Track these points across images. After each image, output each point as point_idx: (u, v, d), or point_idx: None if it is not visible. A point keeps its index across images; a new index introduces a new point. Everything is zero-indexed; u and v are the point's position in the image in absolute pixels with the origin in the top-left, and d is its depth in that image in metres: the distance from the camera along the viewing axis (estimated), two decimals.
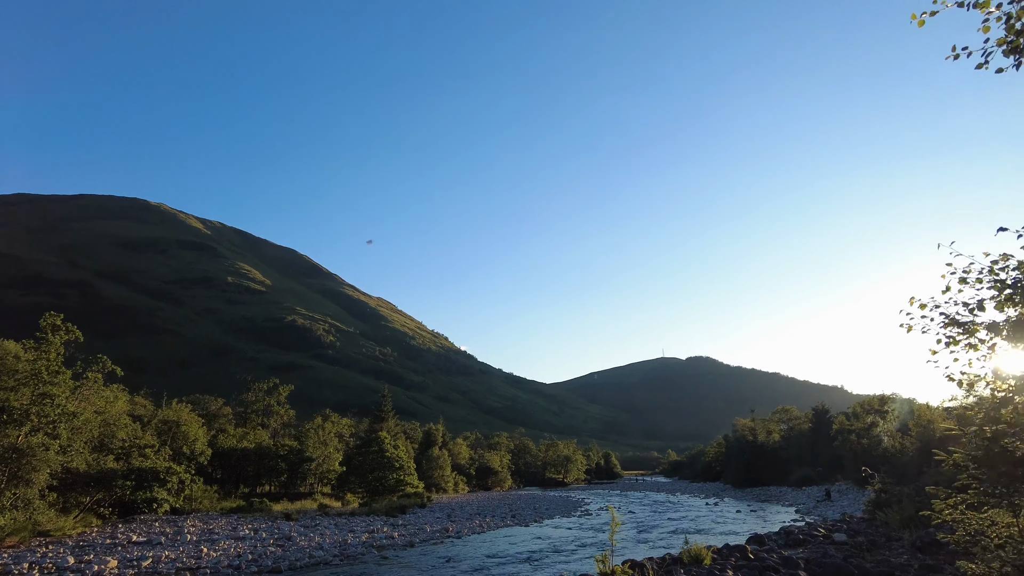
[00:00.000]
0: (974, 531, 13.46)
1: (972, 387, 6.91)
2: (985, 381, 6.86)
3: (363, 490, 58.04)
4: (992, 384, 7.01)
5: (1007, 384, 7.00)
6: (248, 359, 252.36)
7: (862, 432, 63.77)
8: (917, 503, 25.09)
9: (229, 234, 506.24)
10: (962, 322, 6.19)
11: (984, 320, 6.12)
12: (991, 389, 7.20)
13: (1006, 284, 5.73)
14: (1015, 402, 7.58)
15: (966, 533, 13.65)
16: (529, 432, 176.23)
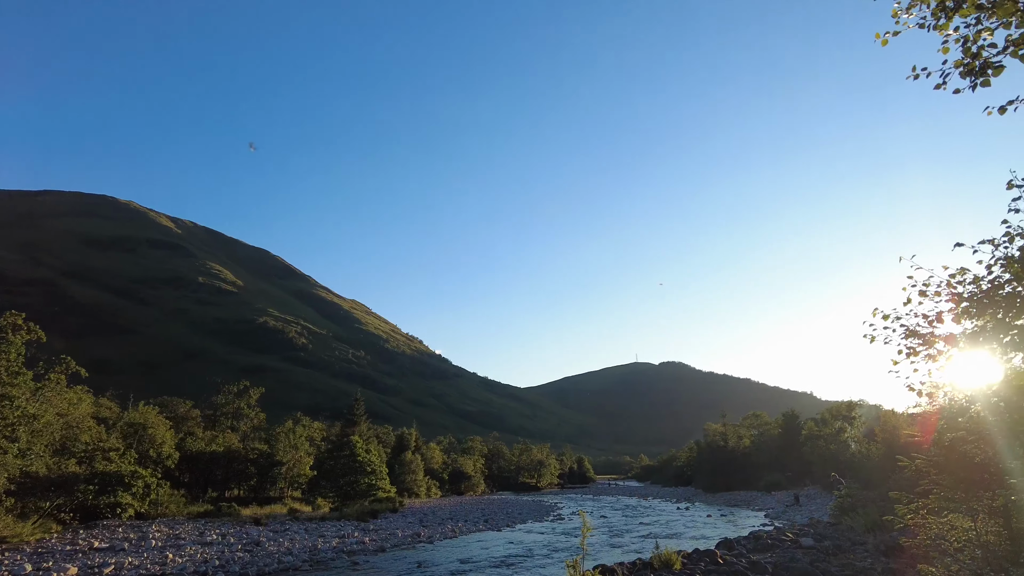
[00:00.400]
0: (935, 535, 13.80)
1: (932, 397, 7.10)
2: (943, 391, 7.05)
3: (334, 495, 57.41)
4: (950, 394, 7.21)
5: (964, 394, 7.20)
6: (219, 361, 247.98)
7: (830, 438, 64.97)
8: (881, 508, 25.59)
9: (200, 233, 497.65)
10: (922, 333, 6.36)
11: (943, 332, 6.29)
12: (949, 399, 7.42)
13: (963, 297, 5.90)
14: (971, 411, 7.82)
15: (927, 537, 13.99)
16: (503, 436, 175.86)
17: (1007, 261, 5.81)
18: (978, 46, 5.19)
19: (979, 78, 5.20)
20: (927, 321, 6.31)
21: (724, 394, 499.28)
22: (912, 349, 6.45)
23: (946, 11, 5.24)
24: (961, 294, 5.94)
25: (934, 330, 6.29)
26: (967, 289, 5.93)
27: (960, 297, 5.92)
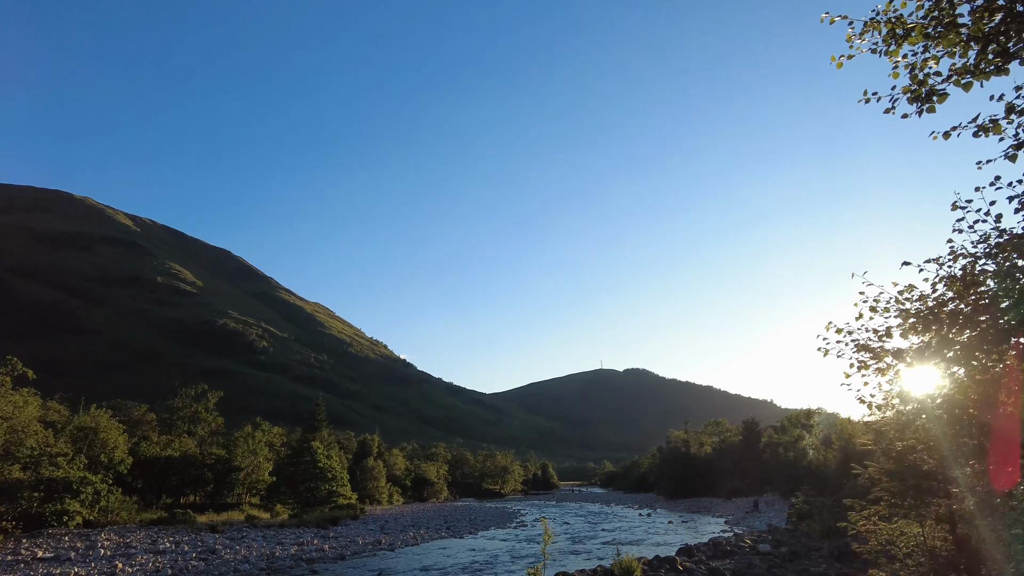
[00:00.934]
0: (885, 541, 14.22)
1: (881, 409, 7.34)
2: (892, 403, 7.30)
3: (294, 501, 56.43)
4: (898, 407, 7.47)
5: (910, 406, 7.47)
6: (176, 363, 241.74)
7: (789, 445, 66.40)
8: (837, 514, 26.22)
9: (160, 232, 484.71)
10: (872, 348, 6.58)
11: (892, 346, 6.52)
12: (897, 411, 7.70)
13: (910, 313, 6.13)
14: (917, 424, 8.11)
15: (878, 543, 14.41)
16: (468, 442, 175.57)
17: (950, 280, 6.06)
18: (924, 73, 5.42)
19: (925, 104, 5.43)
20: (877, 336, 6.53)
21: (687, 401, 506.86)
22: (863, 363, 6.67)
23: (896, 38, 5.46)
24: (909, 310, 6.17)
25: (884, 344, 6.51)
26: (914, 306, 6.17)
27: (908, 313, 6.15)
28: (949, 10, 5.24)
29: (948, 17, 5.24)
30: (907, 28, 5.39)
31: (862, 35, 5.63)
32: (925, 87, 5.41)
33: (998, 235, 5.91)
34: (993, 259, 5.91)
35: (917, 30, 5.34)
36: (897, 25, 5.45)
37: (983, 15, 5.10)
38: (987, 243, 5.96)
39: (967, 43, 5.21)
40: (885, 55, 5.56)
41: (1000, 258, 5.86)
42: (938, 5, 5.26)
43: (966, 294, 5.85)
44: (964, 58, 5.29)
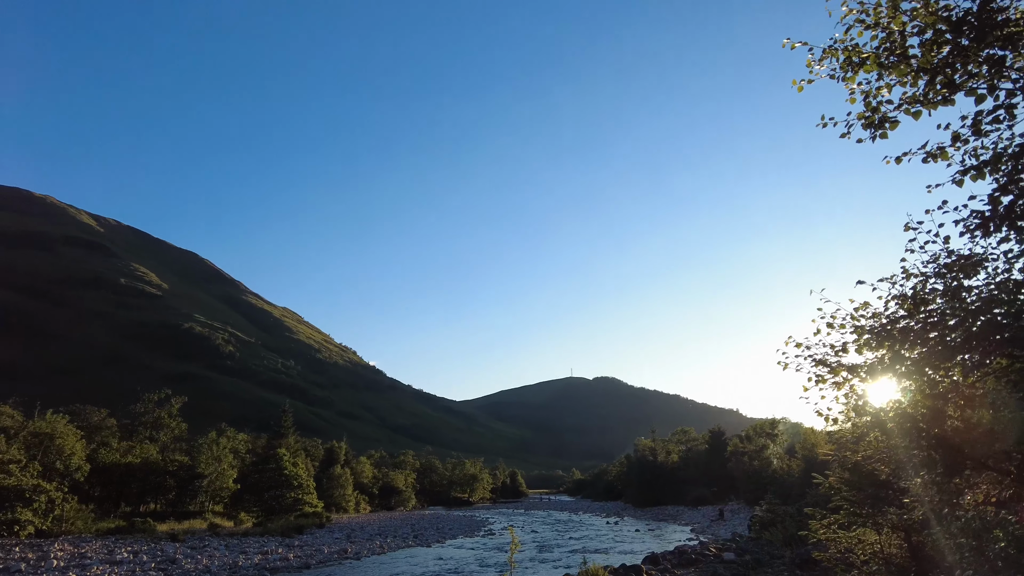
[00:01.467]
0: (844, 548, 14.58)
1: (838, 422, 7.58)
2: (849, 416, 7.54)
3: (258, 509, 55.47)
4: (852, 420, 7.72)
5: (866, 419, 7.72)
6: (139, 367, 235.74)
7: (754, 454, 67.42)
8: (799, 522, 26.69)
9: (125, 233, 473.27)
10: (829, 363, 6.80)
11: (848, 361, 6.75)
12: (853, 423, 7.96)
13: (865, 330, 6.36)
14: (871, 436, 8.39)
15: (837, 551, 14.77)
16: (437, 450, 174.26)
17: (901, 298, 6.31)
18: (878, 101, 5.68)
19: (878, 130, 5.69)
20: (834, 351, 6.75)
21: (655, 409, 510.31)
22: (820, 377, 6.88)
23: (852, 66, 5.71)
24: (863, 327, 6.40)
25: (840, 359, 6.74)
26: (868, 323, 6.40)
27: (862, 330, 6.38)
28: (901, 42, 5.50)
29: (900, 48, 5.50)
30: (862, 57, 5.65)
31: (821, 61, 5.87)
32: (878, 114, 5.67)
33: (947, 256, 6.19)
34: (942, 279, 6.18)
35: (871, 59, 5.60)
36: (853, 53, 5.70)
37: (932, 48, 5.37)
38: (936, 263, 6.23)
39: (917, 73, 5.48)
40: (842, 81, 5.81)
41: (948, 278, 6.13)
42: (890, 37, 5.53)
43: (916, 312, 6.10)
44: (914, 87, 5.56)
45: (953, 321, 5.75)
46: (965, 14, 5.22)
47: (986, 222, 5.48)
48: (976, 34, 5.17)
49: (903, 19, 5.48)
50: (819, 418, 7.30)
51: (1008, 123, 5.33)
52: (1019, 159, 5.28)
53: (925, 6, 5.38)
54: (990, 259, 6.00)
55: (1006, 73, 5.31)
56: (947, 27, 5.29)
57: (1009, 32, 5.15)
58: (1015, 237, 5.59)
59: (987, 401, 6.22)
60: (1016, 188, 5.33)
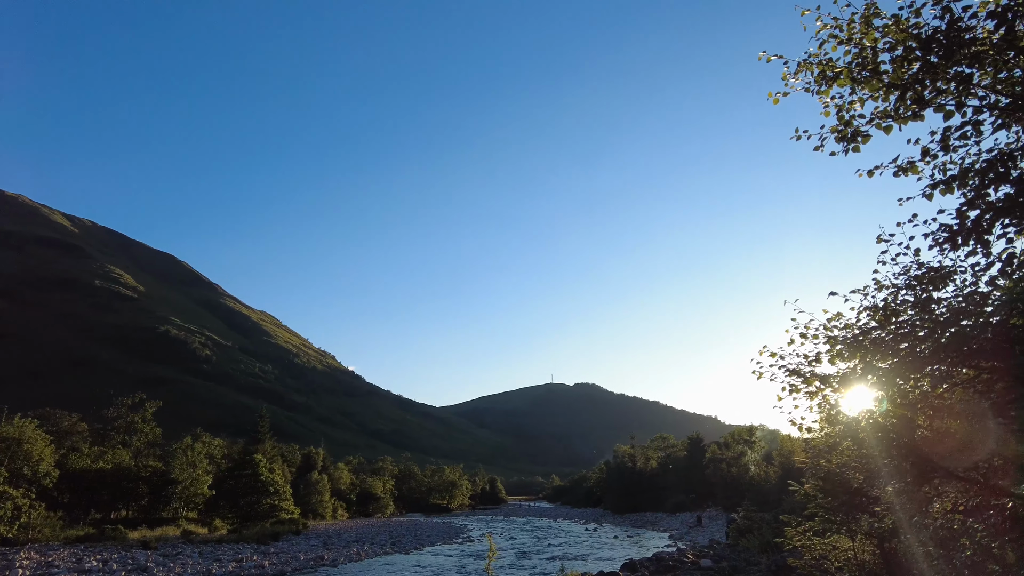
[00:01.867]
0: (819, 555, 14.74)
1: (810, 431, 7.67)
2: (821, 426, 7.64)
3: (233, 516, 54.70)
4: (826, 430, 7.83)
5: (837, 429, 7.83)
6: (112, 371, 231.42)
7: (732, 461, 67.97)
8: (776, 529, 26.94)
9: (100, 234, 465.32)
10: (803, 372, 6.89)
11: (821, 372, 6.84)
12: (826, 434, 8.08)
13: (837, 340, 6.46)
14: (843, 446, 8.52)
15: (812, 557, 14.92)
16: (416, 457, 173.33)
17: (873, 310, 6.42)
18: (850, 115, 5.80)
19: (851, 144, 5.80)
20: (807, 361, 6.84)
21: (635, 416, 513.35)
22: (794, 387, 6.96)
23: (826, 80, 5.82)
24: (836, 337, 6.49)
25: (813, 369, 6.83)
26: (841, 333, 6.50)
27: (835, 340, 6.48)
28: (873, 58, 5.62)
29: (872, 64, 5.62)
30: (836, 71, 5.76)
31: (796, 75, 5.98)
32: (851, 128, 5.79)
33: (917, 268, 6.31)
34: (912, 290, 6.30)
35: (844, 74, 5.72)
36: (827, 68, 5.82)
37: (902, 64, 5.50)
38: (907, 275, 6.36)
39: (888, 89, 5.61)
40: (816, 95, 5.91)
41: (918, 290, 6.25)
42: (863, 52, 5.65)
43: (888, 323, 6.21)
44: (886, 102, 5.69)
45: (923, 332, 5.86)
46: (934, 32, 5.35)
47: (954, 236, 5.60)
48: (944, 52, 5.30)
49: (875, 35, 5.60)
50: (793, 427, 7.39)
51: (975, 139, 5.47)
52: (985, 175, 5.41)
53: (896, 23, 5.50)
54: (958, 272, 6.13)
55: (973, 91, 5.45)
56: (917, 44, 5.41)
57: (976, 51, 5.29)
58: (981, 251, 5.71)
59: (955, 411, 6.34)
60: (982, 203, 5.45)
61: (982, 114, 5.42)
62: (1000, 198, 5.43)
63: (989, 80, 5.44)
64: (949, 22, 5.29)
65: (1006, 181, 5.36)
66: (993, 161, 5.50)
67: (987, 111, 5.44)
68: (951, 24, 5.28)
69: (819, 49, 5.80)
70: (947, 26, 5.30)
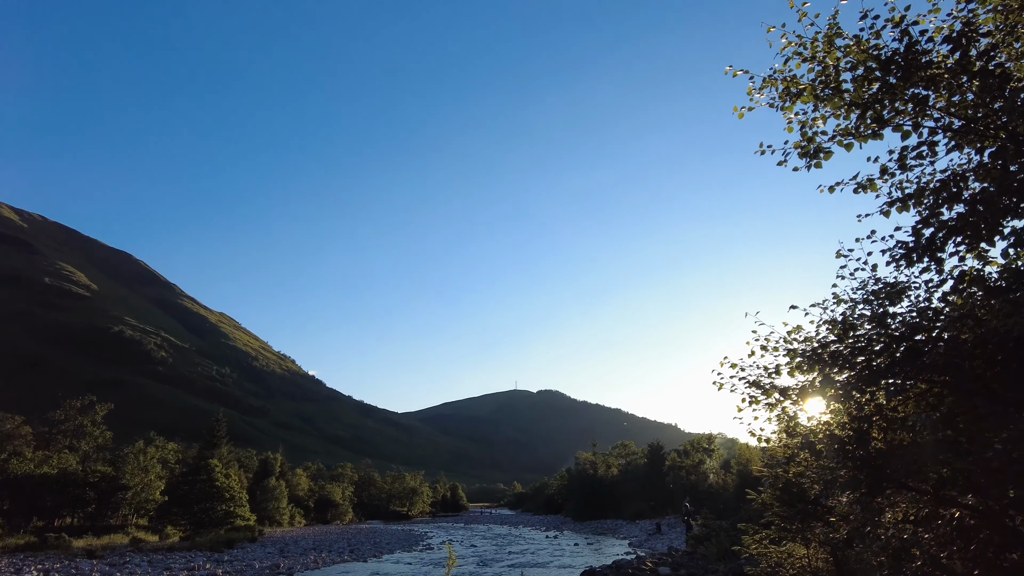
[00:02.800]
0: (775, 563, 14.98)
1: (769, 442, 7.79)
2: (780, 438, 7.76)
3: (186, 522, 53.15)
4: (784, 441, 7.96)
5: (796, 440, 7.97)
6: (63, 373, 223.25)
7: (691, 469, 68.88)
8: (733, 537, 27.30)
9: (52, 230, 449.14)
10: (763, 384, 6.99)
11: (781, 384, 6.95)
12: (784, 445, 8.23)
13: (797, 353, 6.57)
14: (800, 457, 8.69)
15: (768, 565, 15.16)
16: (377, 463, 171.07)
17: (832, 323, 6.56)
18: (813, 131, 5.93)
19: (813, 160, 5.93)
20: (767, 373, 6.95)
21: (597, 423, 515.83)
22: (754, 398, 7.06)
23: (790, 96, 5.94)
24: (796, 350, 6.61)
25: (773, 381, 6.93)
26: (801, 346, 6.62)
27: (795, 353, 6.59)
28: (835, 76, 5.78)
29: (834, 82, 5.77)
30: (800, 88, 5.88)
31: (761, 90, 6.09)
32: (813, 144, 5.92)
33: (874, 283, 6.47)
34: (869, 305, 6.45)
35: (808, 91, 5.85)
36: (791, 84, 5.93)
37: (863, 83, 5.66)
38: (865, 290, 6.51)
39: (849, 107, 5.76)
40: (781, 110, 6.03)
41: (875, 304, 6.40)
42: (826, 70, 5.79)
43: (845, 337, 6.35)
44: (847, 120, 5.84)
45: (879, 346, 6.00)
46: (893, 54, 5.51)
47: (909, 252, 5.75)
48: (903, 73, 5.46)
49: (837, 54, 5.75)
50: (753, 438, 7.48)
51: (930, 159, 5.65)
52: (939, 194, 5.58)
53: (857, 44, 5.65)
54: (913, 287, 6.30)
55: (929, 112, 5.63)
56: (877, 65, 5.57)
57: (932, 73, 5.46)
58: (935, 268, 5.88)
59: (908, 424, 6.50)
60: (936, 221, 5.62)
61: (937, 135, 5.61)
62: (953, 217, 5.60)
63: (944, 102, 5.63)
64: (907, 45, 5.46)
65: (958, 201, 5.54)
66: (947, 181, 5.69)
67: (942, 132, 5.62)
68: (909, 47, 5.45)
69: (784, 66, 5.93)
70: (905, 49, 5.46)
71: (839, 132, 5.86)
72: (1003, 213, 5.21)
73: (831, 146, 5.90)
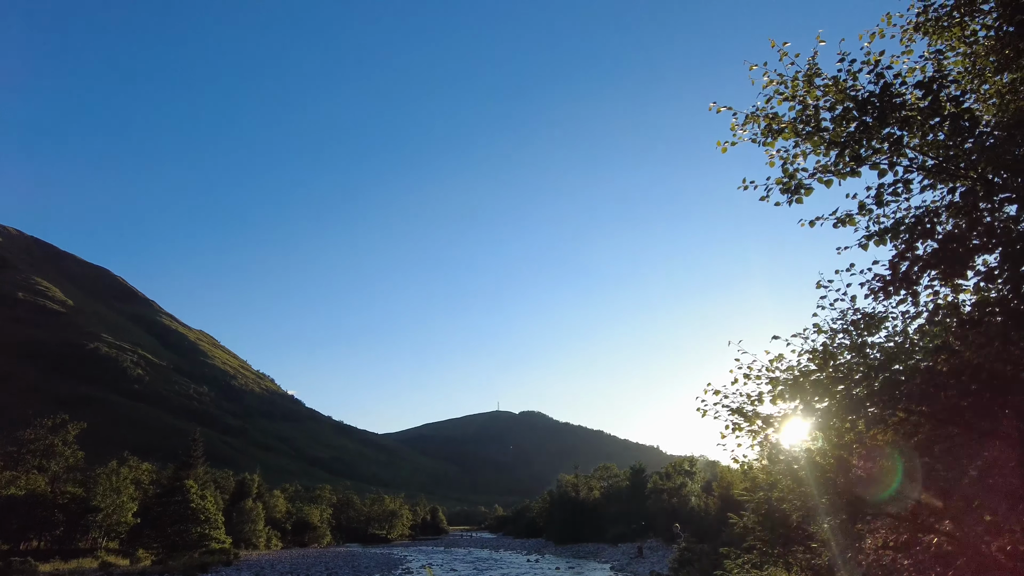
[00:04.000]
0: None
1: (752, 468, 7.92)
2: (760, 462, 7.90)
3: (159, 546, 51.99)
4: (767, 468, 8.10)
5: (779, 466, 8.12)
6: (35, 390, 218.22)
7: (673, 491, 68.79)
8: (715, 561, 27.32)
9: (27, 244, 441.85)
10: (745, 412, 7.14)
11: (763, 411, 7.11)
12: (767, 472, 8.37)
13: (779, 381, 6.74)
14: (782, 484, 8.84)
15: None
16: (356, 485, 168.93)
17: (812, 353, 6.75)
18: (794, 168, 6.16)
19: (794, 195, 6.16)
20: (750, 400, 7.10)
21: (579, 445, 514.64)
22: (737, 425, 7.21)
23: (772, 132, 6.18)
24: (778, 378, 6.78)
25: (756, 409, 7.08)
26: (782, 375, 6.79)
27: (777, 381, 6.76)
28: (815, 115, 6.04)
29: (814, 121, 6.03)
30: (781, 126, 6.12)
31: (744, 126, 6.32)
32: (795, 180, 6.15)
33: (853, 313, 6.68)
34: (848, 335, 6.65)
35: (789, 128, 6.09)
36: (773, 121, 6.18)
37: (841, 123, 5.92)
38: (844, 320, 6.72)
39: (829, 145, 6.02)
40: (763, 146, 6.26)
41: (854, 334, 6.61)
42: (806, 109, 6.05)
43: (826, 366, 6.52)
44: (827, 158, 6.08)
45: (858, 375, 6.18)
46: (869, 95, 5.78)
47: (887, 285, 5.95)
48: (878, 114, 5.72)
49: (816, 94, 6.02)
50: (736, 464, 7.60)
51: (905, 196, 5.92)
52: (914, 230, 5.81)
53: (835, 84, 5.93)
54: (890, 318, 6.52)
55: (904, 151, 5.90)
56: (854, 105, 5.83)
57: (906, 115, 5.74)
58: (911, 300, 6.09)
59: (886, 452, 6.67)
60: (911, 256, 5.84)
61: (912, 173, 5.87)
62: (927, 252, 5.82)
63: (918, 142, 5.90)
64: (882, 87, 5.74)
65: (932, 236, 5.76)
66: (921, 217, 5.93)
67: (916, 171, 5.89)
68: (884, 89, 5.72)
69: (766, 103, 6.17)
70: (880, 91, 5.74)
71: (819, 169, 6.10)
72: (974, 250, 5.44)
73: (811, 182, 6.14)
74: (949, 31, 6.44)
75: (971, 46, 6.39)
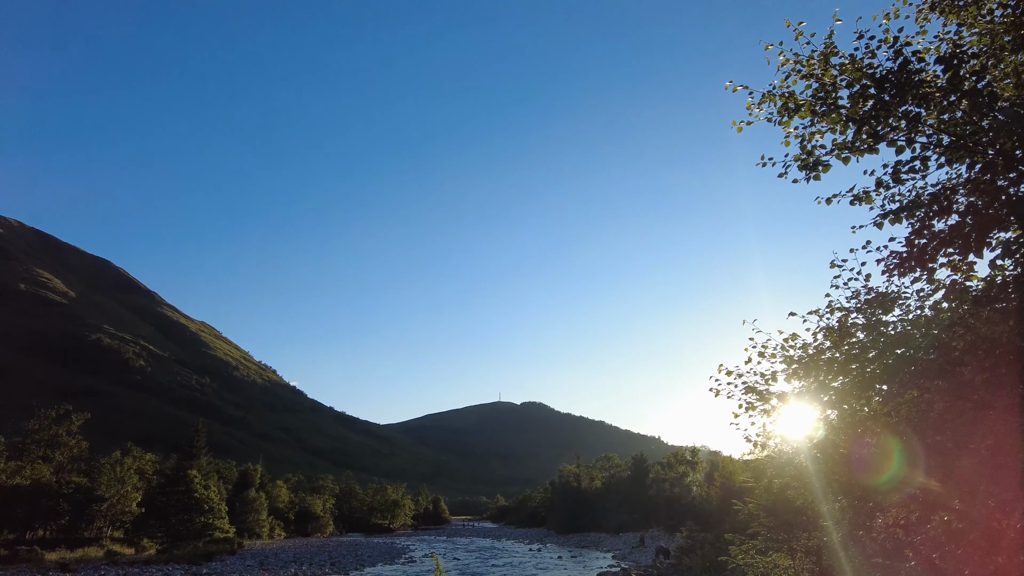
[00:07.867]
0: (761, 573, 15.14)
1: (765, 447, 7.97)
2: (774, 442, 7.94)
3: (163, 535, 52.22)
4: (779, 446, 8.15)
5: (791, 445, 8.16)
6: (37, 381, 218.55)
7: (675, 481, 69.09)
8: (718, 548, 27.42)
9: (29, 236, 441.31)
10: (759, 390, 7.18)
11: (776, 389, 7.14)
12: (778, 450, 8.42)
13: (793, 359, 6.77)
14: (795, 462, 8.89)
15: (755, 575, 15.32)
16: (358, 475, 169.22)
17: (827, 331, 6.77)
18: (812, 145, 6.17)
19: (812, 172, 6.17)
20: (764, 379, 7.14)
21: (581, 435, 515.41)
22: (751, 404, 7.24)
23: (788, 111, 6.18)
24: (792, 356, 6.81)
25: (770, 387, 7.12)
26: (797, 353, 6.83)
27: (791, 359, 6.80)
28: (832, 92, 6.02)
29: (831, 99, 6.03)
30: (798, 104, 6.12)
31: (760, 105, 6.32)
32: (812, 157, 6.16)
33: (867, 292, 6.70)
34: (863, 313, 6.67)
35: (806, 106, 6.09)
36: (789, 100, 6.18)
37: (858, 100, 5.92)
38: (858, 299, 6.74)
39: (846, 123, 6.02)
40: (779, 125, 6.26)
41: (868, 313, 6.63)
42: (823, 87, 6.05)
43: (840, 344, 6.55)
44: (844, 135, 6.09)
45: (872, 354, 6.21)
46: (887, 73, 5.77)
47: (903, 262, 5.98)
48: (896, 91, 5.72)
49: (833, 72, 6.01)
50: (748, 443, 7.65)
51: (922, 174, 5.91)
52: (931, 207, 5.82)
53: (852, 62, 5.91)
54: (904, 297, 6.53)
55: (921, 128, 5.90)
56: (871, 83, 5.83)
57: (924, 92, 5.73)
58: (926, 278, 6.11)
59: (899, 429, 6.70)
60: (928, 233, 5.85)
61: (929, 151, 5.86)
62: (943, 229, 5.84)
63: (935, 120, 5.89)
64: (900, 65, 5.73)
65: (949, 213, 5.77)
66: (937, 194, 5.93)
67: (933, 148, 5.88)
68: (902, 66, 5.71)
69: (783, 82, 6.16)
70: (898, 68, 5.73)
71: (837, 146, 6.11)
72: (991, 225, 5.45)
73: (829, 159, 6.14)
74: (965, 10, 6.42)
75: (988, 24, 6.37)
